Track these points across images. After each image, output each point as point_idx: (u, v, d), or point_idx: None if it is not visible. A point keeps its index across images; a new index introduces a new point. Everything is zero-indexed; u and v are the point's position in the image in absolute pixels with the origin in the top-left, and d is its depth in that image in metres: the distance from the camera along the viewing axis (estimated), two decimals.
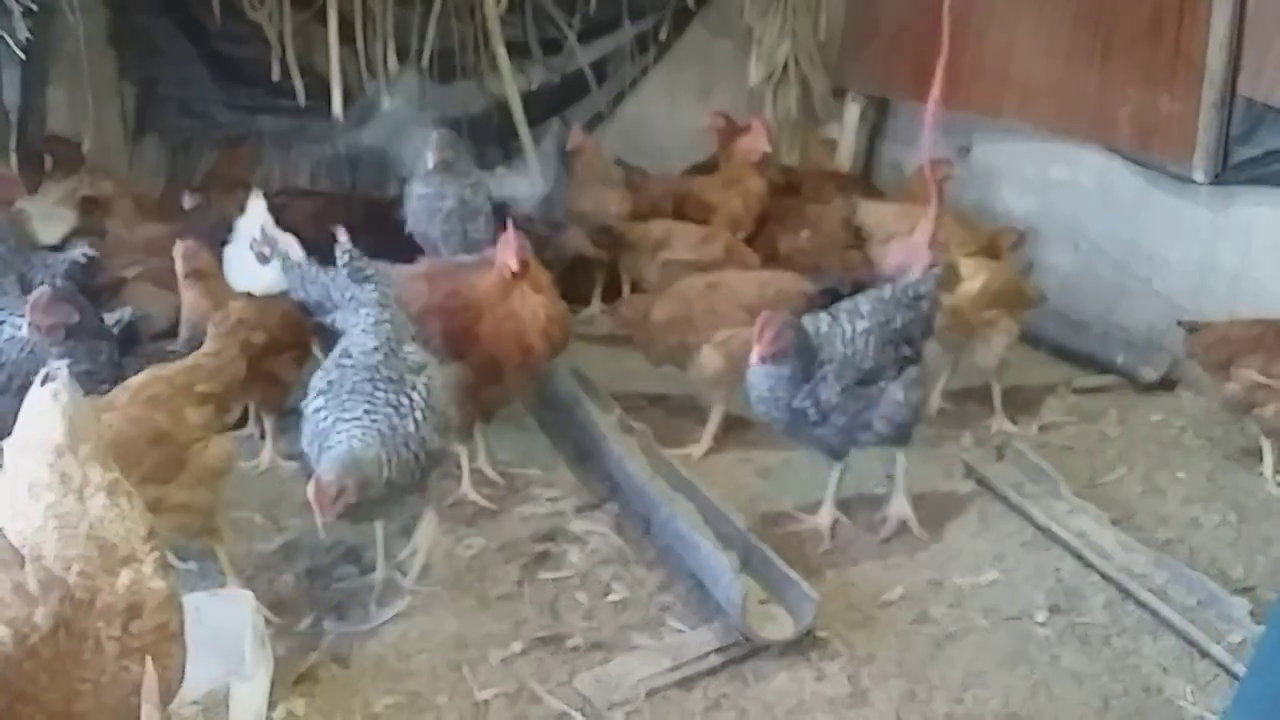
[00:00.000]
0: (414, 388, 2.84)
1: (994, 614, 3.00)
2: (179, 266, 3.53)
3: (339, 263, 3.16)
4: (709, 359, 3.90)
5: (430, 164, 4.41)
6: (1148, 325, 4.74)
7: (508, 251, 3.48)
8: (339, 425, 2.73)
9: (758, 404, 3.24)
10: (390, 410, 2.76)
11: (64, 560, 1.83)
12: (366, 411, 2.74)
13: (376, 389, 2.79)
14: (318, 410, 2.81)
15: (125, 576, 1.89)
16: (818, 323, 3.25)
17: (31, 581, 1.78)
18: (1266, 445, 3.77)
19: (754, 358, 3.07)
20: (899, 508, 3.34)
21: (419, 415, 2.78)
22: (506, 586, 3.08)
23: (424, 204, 4.45)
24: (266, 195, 4.32)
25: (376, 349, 2.91)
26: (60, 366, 2.03)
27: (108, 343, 3.14)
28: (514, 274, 3.47)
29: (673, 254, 4.80)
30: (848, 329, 3.21)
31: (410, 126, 5.14)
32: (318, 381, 2.89)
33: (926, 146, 4.03)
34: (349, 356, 2.91)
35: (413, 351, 2.98)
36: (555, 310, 3.61)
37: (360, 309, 3.05)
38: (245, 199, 4.51)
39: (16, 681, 1.73)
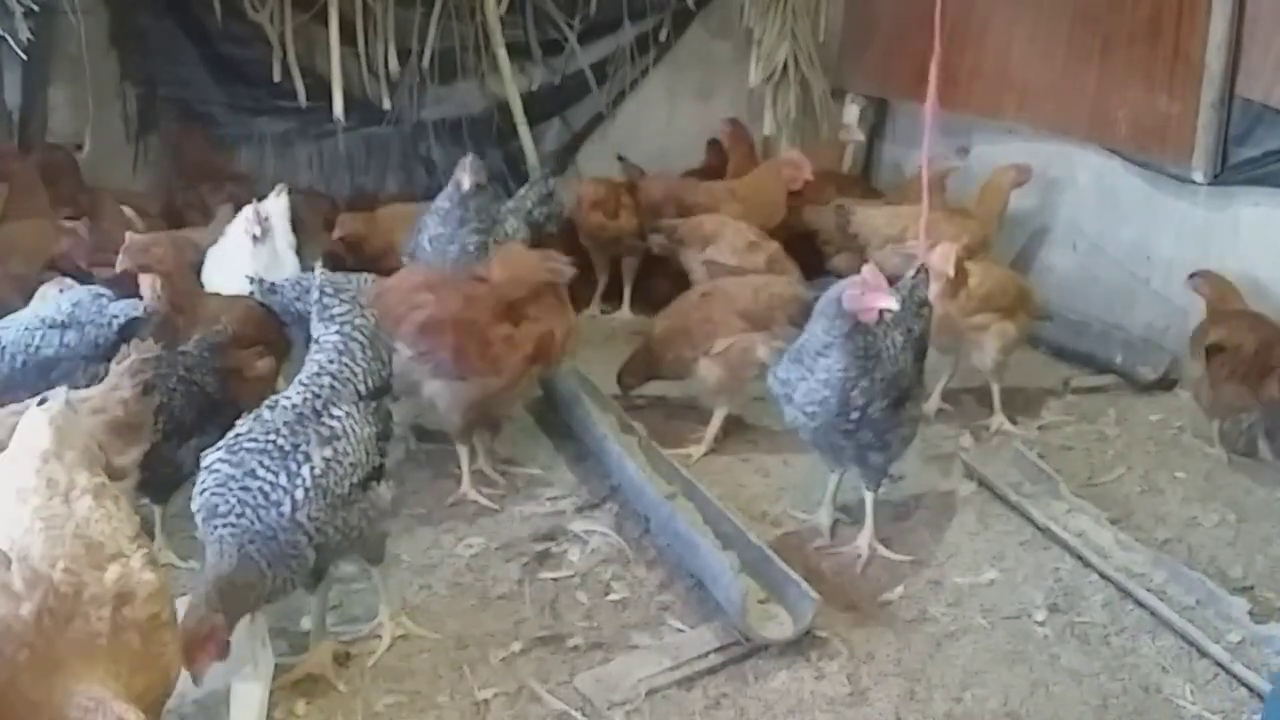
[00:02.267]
0: (306, 461, 2.45)
1: (993, 613, 3.00)
2: (121, 260, 3.41)
3: (312, 297, 2.83)
4: (708, 370, 3.92)
5: (465, 187, 4.19)
6: (1146, 325, 4.76)
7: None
8: (214, 519, 2.41)
9: (809, 395, 3.04)
10: (261, 498, 2.41)
11: (50, 559, 1.89)
12: (239, 501, 2.40)
13: (260, 465, 2.44)
14: (213, 470, 2.46)
15: (113, 571, 1.94)
16: None
17: (16, 580, 1.84)
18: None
19: (891, 304, 2.92)
20: (867, 541, 3.26)
21: (299, 496, 2.41)
22: (507, 586, 3.08)
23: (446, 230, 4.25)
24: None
25: (294, 408, 2.57)
26: (60, 391, 2.15)
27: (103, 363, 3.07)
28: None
29: (716, 256, 4.75)
30: (890, 345, 3.14)
31: None
32: (236, 428, 2.57)
33: (925, 147, 4.03)
34: (271, 408, 2.59)
35: (341, 416, 2.58)
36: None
37: (317, 352, 2.73)
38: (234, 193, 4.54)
39: (4, 673, 1.77)
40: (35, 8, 4.00)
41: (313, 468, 2.46)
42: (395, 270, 3.96)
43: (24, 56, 4.22)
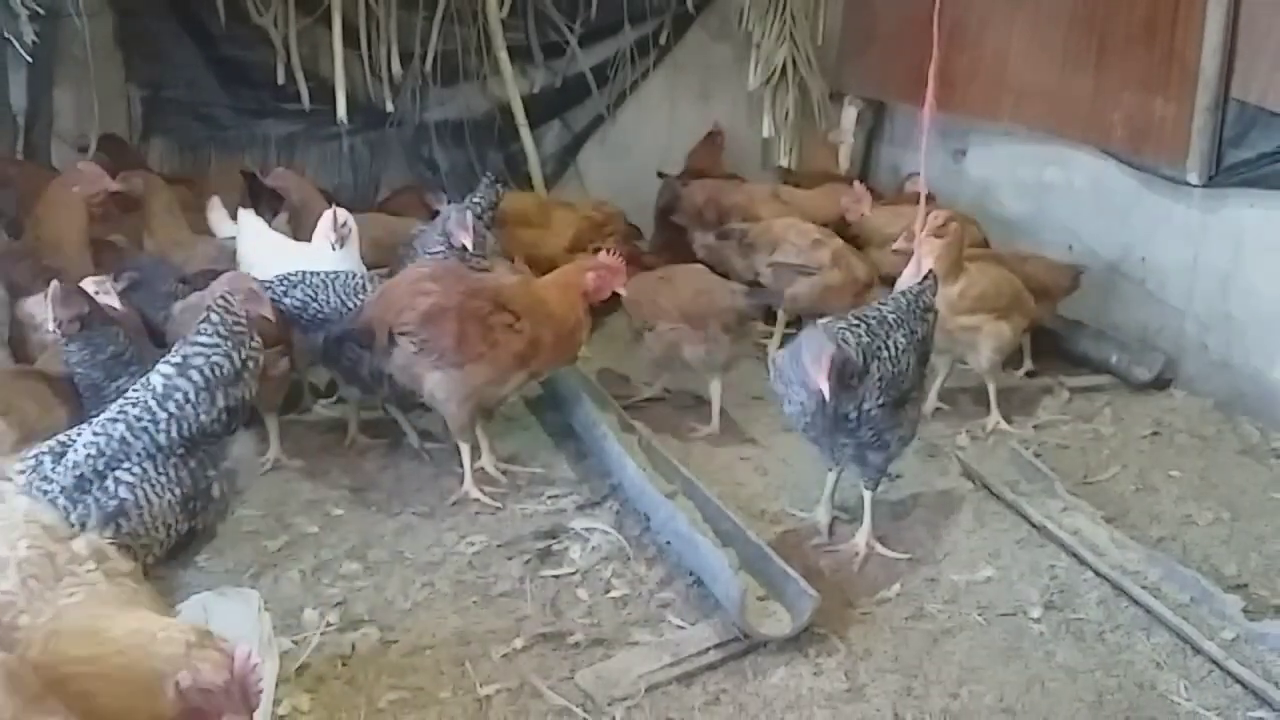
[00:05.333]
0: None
1: (989, 610, 3.03)
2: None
3: (211, 316, 2.74)
4: (651, 344, 4.17)
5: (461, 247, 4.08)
6: (1141, 325, 4.78)
7: (600, 280, 3.54)
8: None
9: (806, 412, 3.08)
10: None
11: (9, 543, 2.01)
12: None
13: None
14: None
15: (79, 540, 2.09)
16: (855, 332, 3.13)
17: None
18: None
19: (823, 390, 2.90)
20: (865, 539, 3.28)
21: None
22: (508, 583, 3.10)
23: None
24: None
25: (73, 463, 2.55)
26: None
27: (118, 326, 3.24)
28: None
29: (780, 258, 4.74)
30: (891, 346, 3.15)
31: None
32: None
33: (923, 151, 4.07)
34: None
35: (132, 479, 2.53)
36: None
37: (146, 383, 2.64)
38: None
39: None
40: (41, 11, 4.02)
41: None
42: None
43: (29, 59, 4.24)
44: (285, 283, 3.78)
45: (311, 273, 3.81)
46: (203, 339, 2.68)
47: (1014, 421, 4.20)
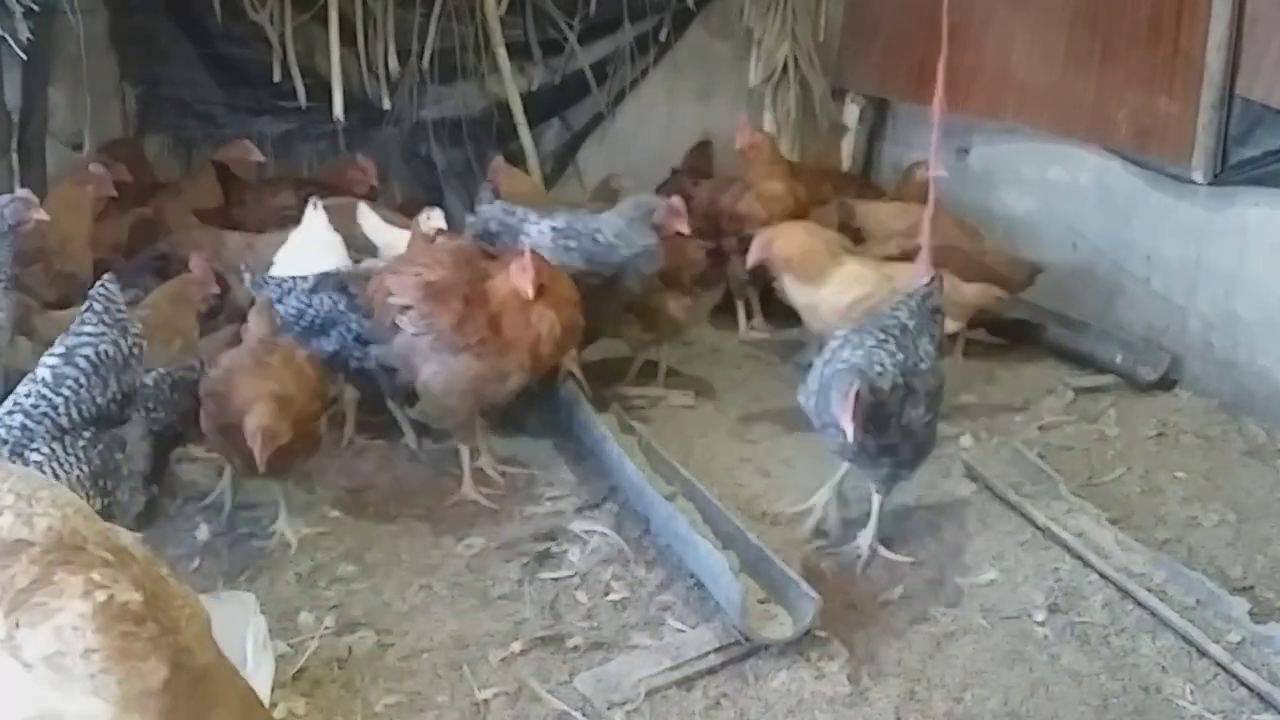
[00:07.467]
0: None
1: (993, 613, 3.01)
2: None
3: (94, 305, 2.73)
4: (629, 328, 4.38)
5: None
6: (1146, 325, 4.76)
7: (523, 277, 3.37)
8: None
9: (848, 451, 3.09)
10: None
11: None
12: None
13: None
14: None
15: None
16: (880, 356, 3.05)
17: None
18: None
19: (849, 433, 2.88)
20: (868, 541, 3.26)
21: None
22: (507, 586, 3.08)
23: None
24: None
25: None
26: None
27: None
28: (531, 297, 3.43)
29: None
30: (925, 357, 3.11)
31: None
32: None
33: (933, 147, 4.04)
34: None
35: (43, 456, 2.61)
36: (572, 322, 3.55)
37: (39, 369, 2.67)
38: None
39: None
40: (35, 7, 3.99)
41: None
42: None
43: (24, 56, 4.21)
44: (279, 288, 3.75)
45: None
46: (88, 328, 2.72)
47: (1018, 421, 4.17)
